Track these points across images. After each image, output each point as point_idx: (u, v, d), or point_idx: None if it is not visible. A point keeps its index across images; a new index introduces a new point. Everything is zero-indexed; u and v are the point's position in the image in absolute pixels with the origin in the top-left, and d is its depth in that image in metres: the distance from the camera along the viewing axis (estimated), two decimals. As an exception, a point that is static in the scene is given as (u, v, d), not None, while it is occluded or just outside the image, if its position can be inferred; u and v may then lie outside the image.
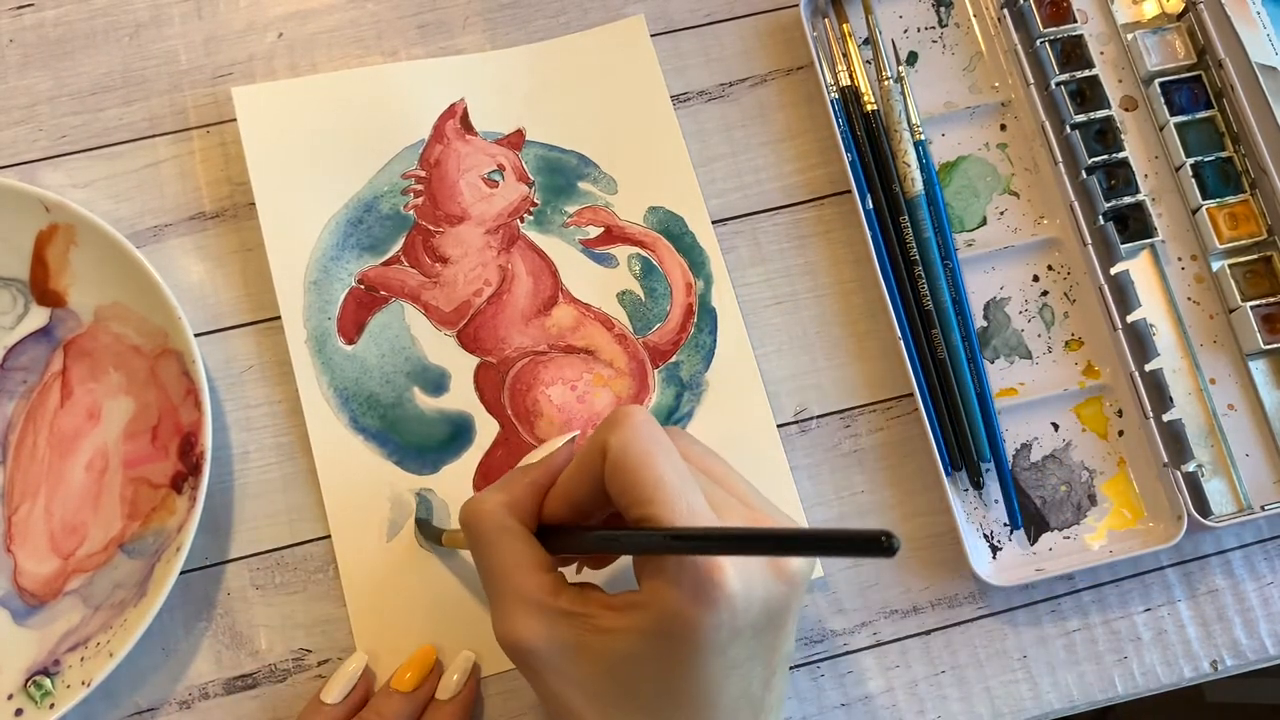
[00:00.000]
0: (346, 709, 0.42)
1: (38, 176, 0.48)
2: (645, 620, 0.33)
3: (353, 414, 0.46)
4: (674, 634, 0.32)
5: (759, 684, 0.34)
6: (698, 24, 0.52)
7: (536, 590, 0.35)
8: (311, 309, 0.47)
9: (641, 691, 0.33)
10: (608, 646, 0.33)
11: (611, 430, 0.34)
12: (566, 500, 0.36)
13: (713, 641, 0.32)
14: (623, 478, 0.33)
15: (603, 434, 0.34)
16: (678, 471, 0.33)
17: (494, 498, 0.36)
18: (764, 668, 0.34)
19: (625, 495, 0.33)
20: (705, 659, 0.32)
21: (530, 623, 0.34)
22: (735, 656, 0.33)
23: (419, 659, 0.43)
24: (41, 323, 0.46)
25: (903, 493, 0.46)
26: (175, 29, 0.50)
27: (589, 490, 0.35)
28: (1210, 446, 0.47)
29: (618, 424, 0.34)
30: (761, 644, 0.34)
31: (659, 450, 0.33)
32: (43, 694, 0.42)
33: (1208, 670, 0.45)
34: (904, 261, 0.48)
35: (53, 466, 0.45)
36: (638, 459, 0.33)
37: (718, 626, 0.32)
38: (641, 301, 0.48)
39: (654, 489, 0.32)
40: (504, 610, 0.35)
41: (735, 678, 0.33)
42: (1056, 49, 0.50)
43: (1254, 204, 0.49)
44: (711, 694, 0.33)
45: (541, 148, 0.50)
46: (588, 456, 0.35)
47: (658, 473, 0.33)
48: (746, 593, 0.32)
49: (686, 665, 0.32)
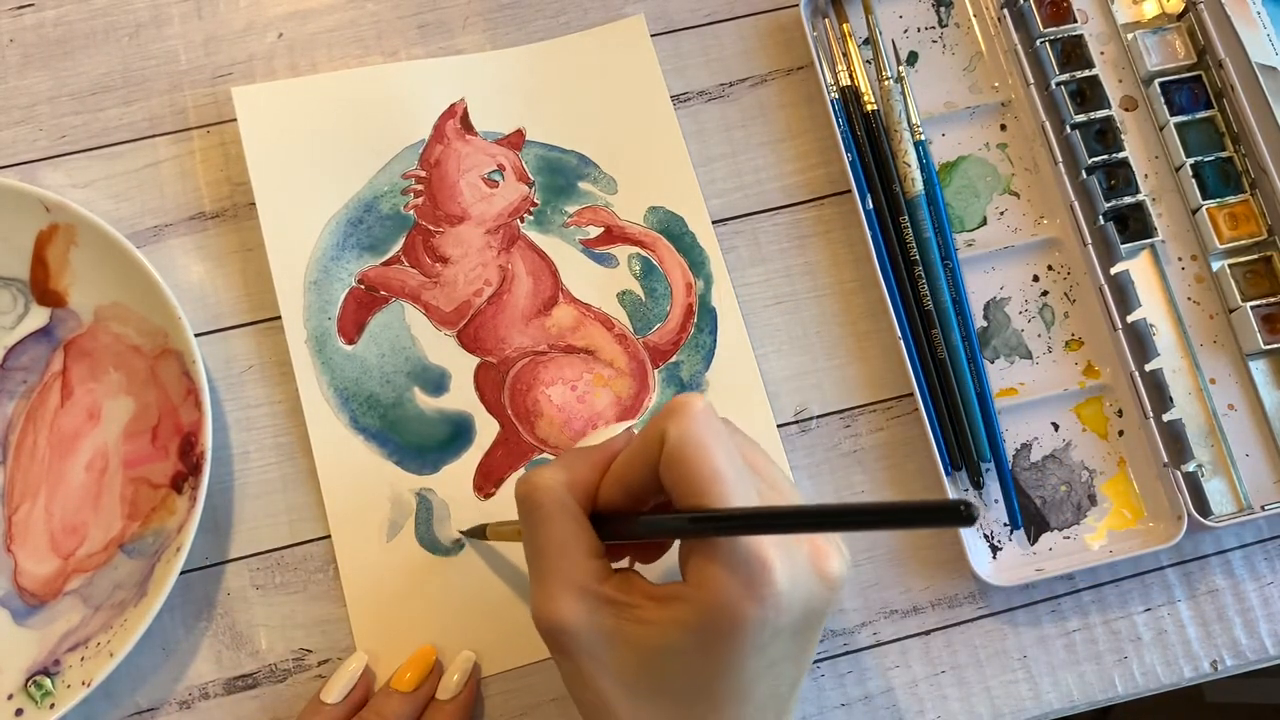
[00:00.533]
0: (346, 709, 0.42)
1: (38, 176, 0.48)
2: (690, 613, 0.32)
3: (353, 414, 0.46)
4: (718, 628, 0.32)
5: (788, 685, 0.34)
6: (698, 24, 0.52)
7: (584, 574, 0.34)
8: (312, 309, 0.47)
9: (676, 684, 0.33)
10: (648, 636, 0.33)
11: (671, 418, 0.33)
12: (621, 486, 0.35)
13: (756, 638, 0.32)
14: (679, 468, 0.33)
15: (662, 422, 0.33)
16: (734, 465, 0.33)
17: (555, 475, 0.35)
18: (794, 669, 0.34)
19: (681, 485, 0.33)
20: (745, 655, 0.32)
21: (573, 605, 0.34)
22: (773, 656, 0.33)
23: (419, 659, 0.42)
24: (42, 323, 0.46)
25: (903, 493, 0.46)
26: (175, 29, 0.50)
27: (643, 478, 0.34)
28: (1210, 446, 0.47)
29: (677, 412, 0.33)
30: (797, 645, 0.33)
31: (717, 442, 0.33)
32: (43, 694, 0.42)
33: (1208, 670, 0.45)
34: (904, 261, 0.48)
35: (53, 466, 0.45)
36: (696, 449, 0.32)
37: (763, 624, 0.31)
38: (642, 301, 0.48)
39: (710, 481, 0.32)
40: (548, 590, 0.34)
41: (769, 677, 0.33)
42: (1056, 49, 0.50)
43: (1254, 204, 0.49)
44: (745, 691, 0.33)
45: (541, 148, 0.50)
46: (645, 444, 0.34)
47: (714, 465, 0.32)
48: (791, 591, 0.32)
49: (726, 660, 0.32)
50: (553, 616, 0.34)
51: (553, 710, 0.44)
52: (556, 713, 0.44)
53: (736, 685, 0.33)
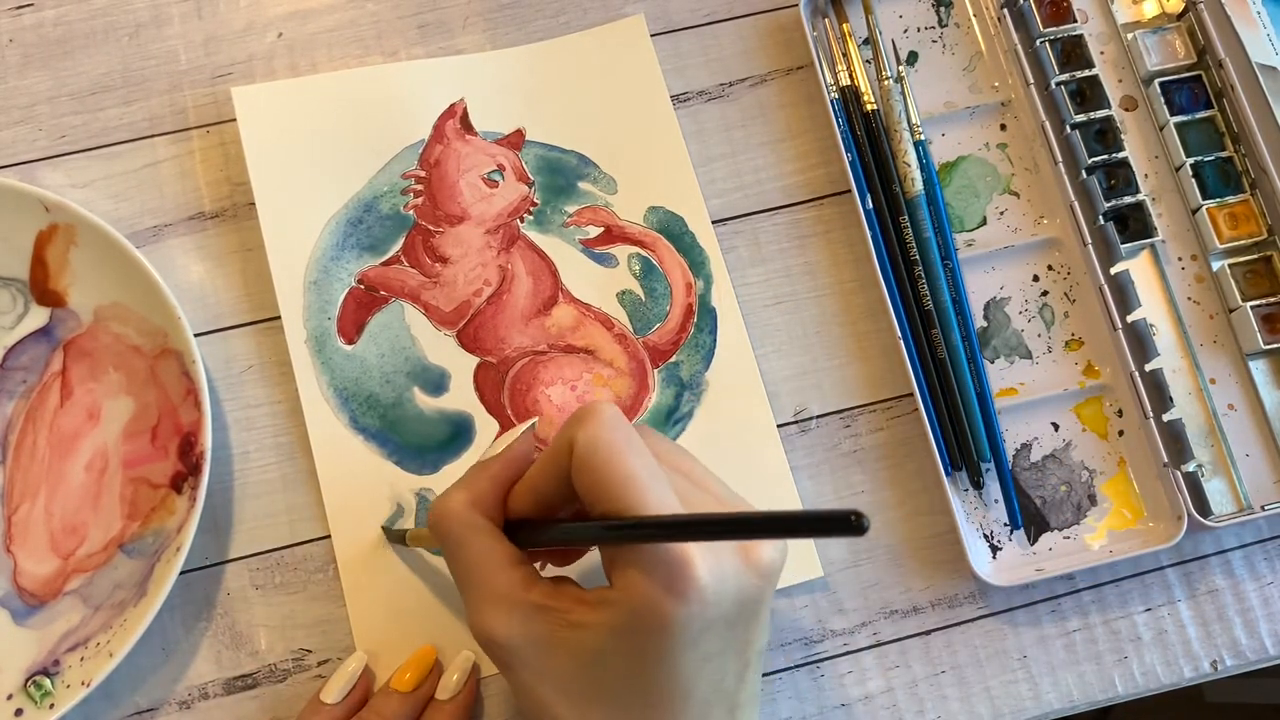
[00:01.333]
0: (346, 709, 0.42)
1: (38, 176, 0.48)
2: (617, 615, 0.33)
3: (352, 414, 0.46)
4: (646, 628, 0.32)
5: (733, 677, 0.34)
6: (698, 24, 0.52)
7: (507, 585, 0.35)
8: (311, 309, 0.47)
9: (614, 686, 0.33)
10: (580, 641, 0.33)
11: (578, 426, 0.34)
12: (534, 495, 0.36)
13: (684, 634, 0.32)
14: (590, 474, 0.33)
15: (569, 430, 0.34)
16: (647, 467, 0.33)
17: (457, 496, 0.36)
18: (737, 660, 0.34)
19: (593, 491, 0.33)
20: (677, 652, 0.32)
21: (503, 618, 0.34)
22: (707, 650, 0.33)
23: (418, 659, 0.42)
24: (41, 323, 0.46)
25: (903, 493, 0.46)
26: (175, 29, 0.50)
27: (556, 485, 0.35)
28: (1210, 446, 0.47)
29: (584, 420, 0.34)
30: (734, 636, 0.33)
31: (627, 446, 0.33)
32: (43, 694, 0.42)
33: (1208, 670, 0.45)
34: (904, 261, 0.48)
35: (53, 466, 0.45)
36: (605, 455, 0.33)
37: (689, 618, 0.32)
38: (641, 301, 0.48)
39: (622, 485, 0.32)
40: (476, 606, 0.35)
41: (708, 671, 0.33)
42: (1056, 49, 0.50)
43: (1254, 204, 0.49)
44: (684, 687, 0.33)
45: (541, 148, 0.50)
46: (554, 452, 0.34)
47: (626, 469, 0.32)
48: (718, 585, 0.32)
49: (658, 659, 0.32)
50: (485, 631, 0.35)
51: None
52: None
53: (673, 681, 0.33)
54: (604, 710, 0.34)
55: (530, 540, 0.36)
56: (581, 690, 0.34)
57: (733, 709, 0.34)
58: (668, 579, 0.31)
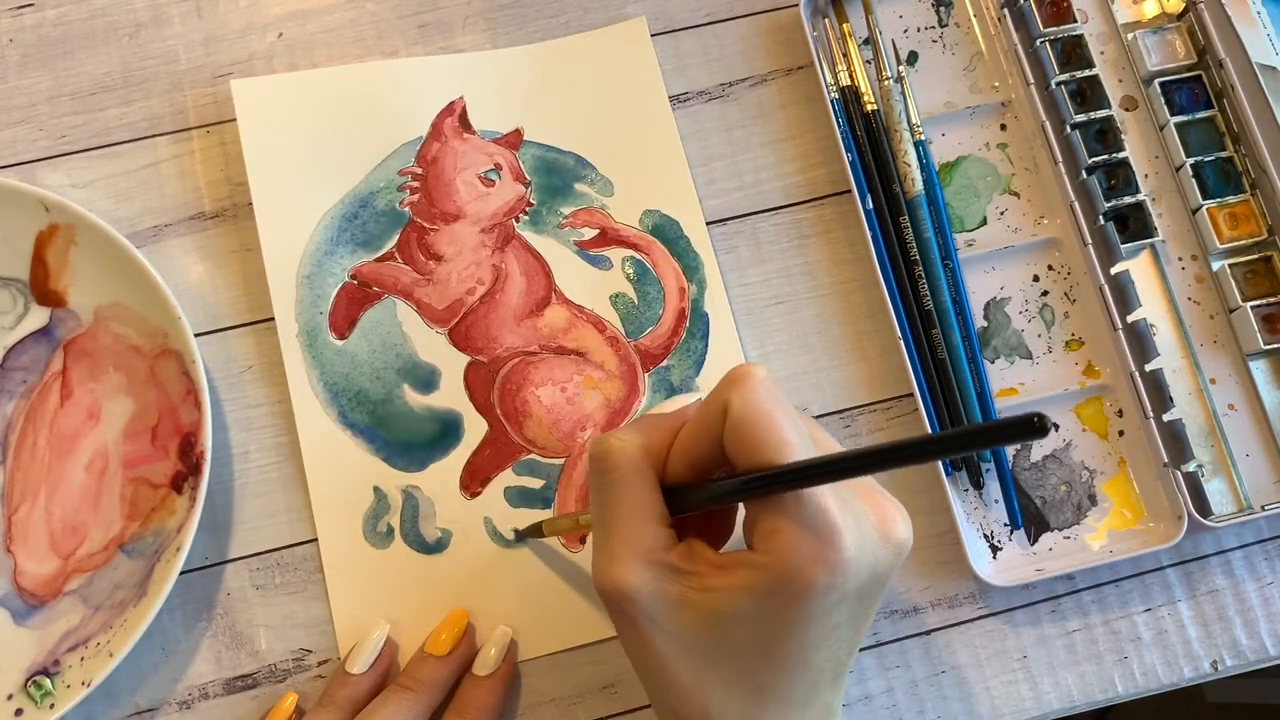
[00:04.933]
0: (374, 678, 0.41)
1: (38, 176, 0.48)
2: (758, 578, 0.32)
3: (341, 409, 0.46)
4: (787, 593, 0.32)
5: (845, 649, 0.34)
6: (698, 24, 0.52)
7: (651, 540, 0.34)
8: (304, 303, 0.47)
9: (738, 648, 0.33)
10: (713, 603, 0.33)
11: (733, 388, 0.33)
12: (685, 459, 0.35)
13: (823, 603, 0.32)
14: (744, 435, 0.32)
15: (723, 393, 0.33)
16: (799, 431, 0.32)
17: (632, 439, 0.35)
18: (853, 634, 0.34)
19: (747, 453, 0.32)
20: (811, 620, 0.32)
21: (637, 570, 0.33)
22: (836, 620, 0.33)
23: (452, 621, 0.42)
24: (41, 323, 0.46)
25: (903, 493, 0.46)
26: (175, 29, 0.50)
27: (707, 450, 0.34)
28: (1210, 446, 0.47)
29: (740, 382, 0.33)
30: (859, 610, 0.33)
31: (781, 410, 0.33)
32: (43, 694, 0.42)
33: (1208, 670, 0.45)
34: (904, 261, 0.48)
35: (53, 466, 0.45)
36: (760, 417, 0.32)
37: (830, 588, 0.31)
38: (634, 304, 0.48)
39: (776, 447, 0.32)
40: (613, 553, 0.34)
41: (831, 641, 0.33)
42: (1056, 49, 0.50)
43: (1254, 204, 0.49)
44: (807, 654, 0.33)
45: (539, 148, 0.50)
46: (708, 415, 0.34)
47: (781, 433, 0.32)
48: (859, 557, 0.32)
49: (791, 624, 0.32)
50: (615, 580, 0.34)
51: (552, 710, 0.44)
52: (556, 713, 0.44)
53: (799, 649, 0.33)
54: (722, 672, 0.34)
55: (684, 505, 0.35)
56: (702, 648, 0.34)
57: (836, 677, 0.35)
58: (816, 547, 0.31)
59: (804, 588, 0.31)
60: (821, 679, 0.34)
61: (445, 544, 0.45)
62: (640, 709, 0.44)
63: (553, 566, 0.45)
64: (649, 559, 0.34)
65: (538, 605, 0.44)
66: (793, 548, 0.31)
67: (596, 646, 0.44)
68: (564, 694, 0.44)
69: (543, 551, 0.45)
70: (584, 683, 0.44)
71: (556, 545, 0.45)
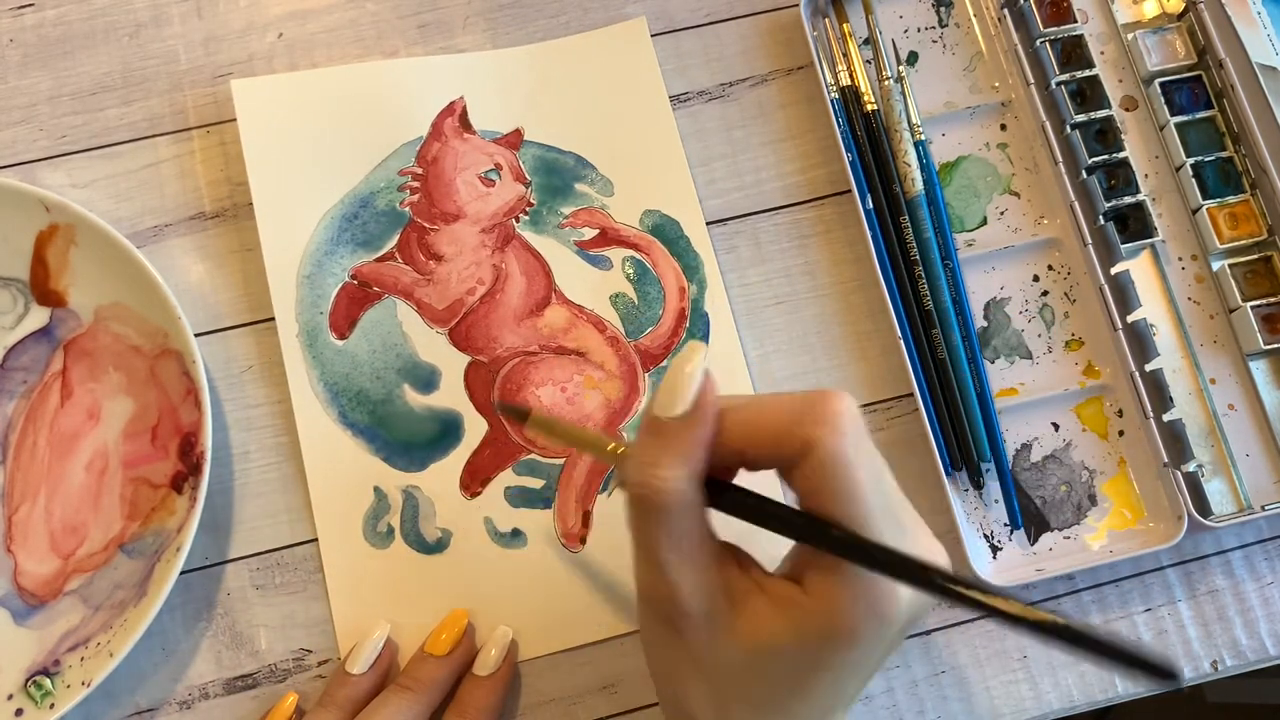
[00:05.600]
0: (375, 677, 0.42)
1: (38, 176, 0.48)
2: (808, 623, 0.31)
3: (342, 409, 0.46)
4: (836, 641, 0.31)
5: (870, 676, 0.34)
6: (698, 24, 0.52)
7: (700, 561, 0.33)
8: (304, 303, 0.47)
9: (774, 678, 0.33)
10: (758, 634, 0.32)
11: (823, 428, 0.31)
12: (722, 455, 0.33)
13: (868, 649, 0.32)
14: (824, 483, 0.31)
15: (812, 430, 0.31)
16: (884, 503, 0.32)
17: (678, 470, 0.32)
18: (880, 664, 0.34)
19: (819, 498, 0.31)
20: (853, 664, 0.32)
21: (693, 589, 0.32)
22: (867, 660, 0.33)
23: (452, 621, 0.42)
24: (41, 323, 0.46)
25: (903, 493, 0.46)
26: (175, 29, 0.50)
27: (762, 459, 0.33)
28: (1210, 446, 0.47)
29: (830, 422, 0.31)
30: (887, 650, 0.33)
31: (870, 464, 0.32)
32: (43, 694, 0.42)
33: (1208, 670, 0.45)
34: (904, 261, 0.48)
35: (53, 466, 0.45)
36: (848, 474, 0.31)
37: (880, 638, 0.31)
38: (634, 305, 0.48)
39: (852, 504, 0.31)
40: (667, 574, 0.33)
41: (862, 674, 0.33)
42: (1056, 49, 0.50)
43: (1254, 204, 0.49)
44: (840, 688, 0.33)
45: (539, 148, 0.50)
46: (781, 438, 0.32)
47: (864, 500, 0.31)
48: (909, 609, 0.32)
49: (832, 665, 0.32)
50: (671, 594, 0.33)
51: (552, 710, 0.44)
52: (556, 713, 0.44)
53: (834, 684, 0.33)
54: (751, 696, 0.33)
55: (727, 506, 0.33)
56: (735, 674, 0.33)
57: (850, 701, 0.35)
58: (874, 600, 0.31)
59: (854, 637, 0.31)
60: (839, 704, 0.34)
61: (445, 544, 0.45)
62: (639, 709, 0.44)
63: (553, 566, 0.45)
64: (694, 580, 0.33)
65: (538, 605, 0.44)
66: (851, 599, 0.31)
67: (596, 646, 0.44)
68: (564, 694, 0.44)
69: (543, 552, 0.45)
70: (584, 683, 0.44)
71: (556, 546, 0.45)
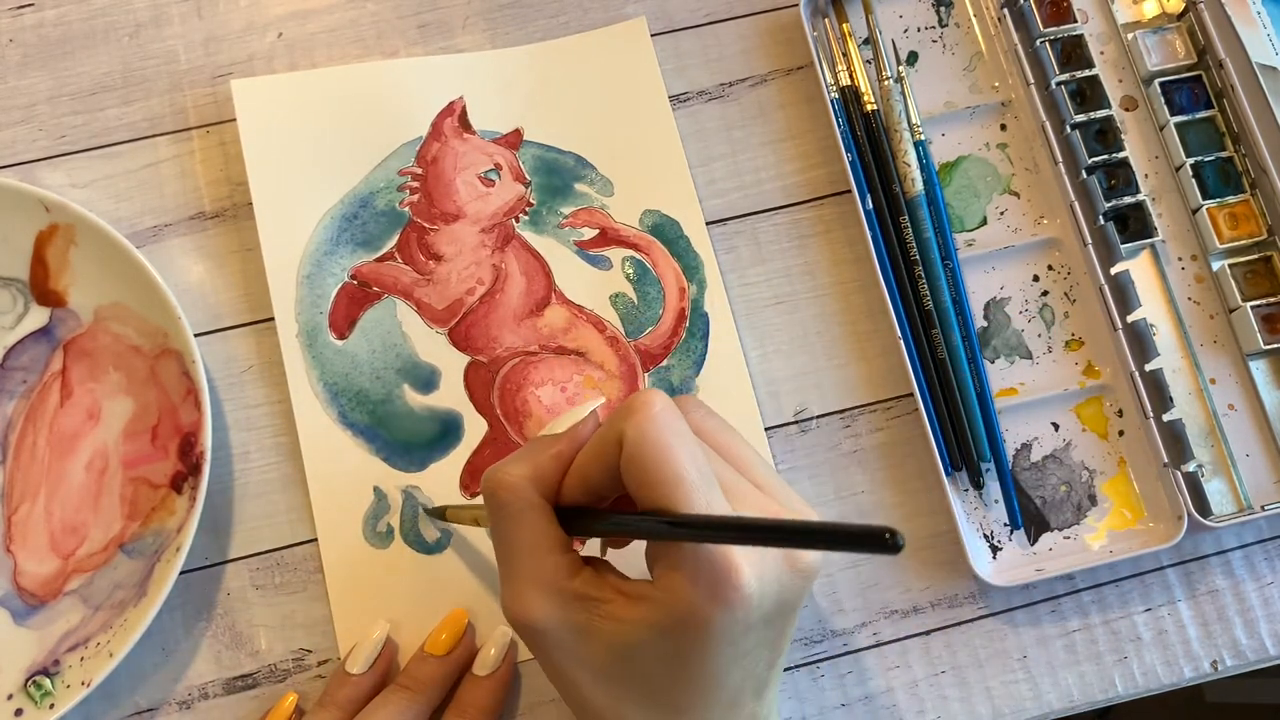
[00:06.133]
0: (374, 677, 0.42)
1: (38, 176, 0.48)
2: (658, 614, 0.32)
3: (341, 409, 0.46)
4: (687, 630, 0.32)
5: (764, 665, 0.34)
6: (698, 24, 0.52)
7: (553, 571, 0.34)
8: (304, 303, 0.47)
9: (648, 675, 0.33)
10: (618, 634, 0.33)
11: (628, 419, 0.33)
12: (581, 482, 0.35)
13: (725, 636, 0.32)
14: (639, 470, 0.32)
15: (620, 422, 0.33)
16: (696, 465, 0.32)
17: (519, 469, 0.35)
18: (770, 651, 0.34)
19: (642, 488, 0.32)
20: (715, 652, 0.32)
21: (543, 603, 0.34)
22: (746, 647, 0.33)
23: (451, 621, 0.42)
24: (41, 323, 0.46)
25: (903, 493, 0.46)
26: (175, 29, 0.50)
27: (603, 476, 0.34)
28: (1210, 446, 0.47)
29: (634, 413, 0.33)
30: (771, 631, 0.34)
31: (677, 442, 0.33)
32: (43, 694, 0.42)
33: (1208, 670, 0.45)
34: (904, 261, 0.48)
35: (53, 466, 0.45)
36: (655, 451, 0.32)
37: (731, 623, 0.32)
38: (634, 304, 0.48)
39: (672, 485, 0.32)
40: (517, 588, 0.34)
41: (743, 664, 0.33)
42: (1056, 49, 0.50)
43: (1254, 204, 0.49)
44: (718, 679, 0.33)
45: (539, 148, 0.50)
46: (603, 444, 0.34)
47: (676, 468, 0.32)
48: (761, 589, 0.32)
49: (695, 656, 0.32)
50: (522, 614, 0.34)
51: (552, 710, 0.44)
52: (556, 713, 0.44)
53: (709, 675, 0.33)
54: (636, 696, 0.34)
55: (581, 529, 0.35)
56: (615, 676, 0.34)
57: (760, 689, 0.35)
58: (713, 584, 0.31)
59: (701, 626, 0.31)
60: (742, 695, 0.34)
61: (445, 544, 0.45)
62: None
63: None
64: (552, 590, 0.34)
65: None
66: (689, 587, 0.31)
67: (596, 646, 0.44)
68: (564, 694, 0.44)
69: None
70: (584, 683, 0.44)
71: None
